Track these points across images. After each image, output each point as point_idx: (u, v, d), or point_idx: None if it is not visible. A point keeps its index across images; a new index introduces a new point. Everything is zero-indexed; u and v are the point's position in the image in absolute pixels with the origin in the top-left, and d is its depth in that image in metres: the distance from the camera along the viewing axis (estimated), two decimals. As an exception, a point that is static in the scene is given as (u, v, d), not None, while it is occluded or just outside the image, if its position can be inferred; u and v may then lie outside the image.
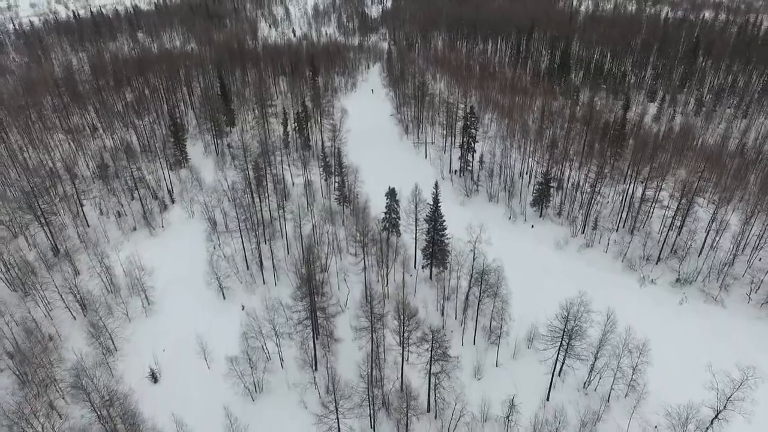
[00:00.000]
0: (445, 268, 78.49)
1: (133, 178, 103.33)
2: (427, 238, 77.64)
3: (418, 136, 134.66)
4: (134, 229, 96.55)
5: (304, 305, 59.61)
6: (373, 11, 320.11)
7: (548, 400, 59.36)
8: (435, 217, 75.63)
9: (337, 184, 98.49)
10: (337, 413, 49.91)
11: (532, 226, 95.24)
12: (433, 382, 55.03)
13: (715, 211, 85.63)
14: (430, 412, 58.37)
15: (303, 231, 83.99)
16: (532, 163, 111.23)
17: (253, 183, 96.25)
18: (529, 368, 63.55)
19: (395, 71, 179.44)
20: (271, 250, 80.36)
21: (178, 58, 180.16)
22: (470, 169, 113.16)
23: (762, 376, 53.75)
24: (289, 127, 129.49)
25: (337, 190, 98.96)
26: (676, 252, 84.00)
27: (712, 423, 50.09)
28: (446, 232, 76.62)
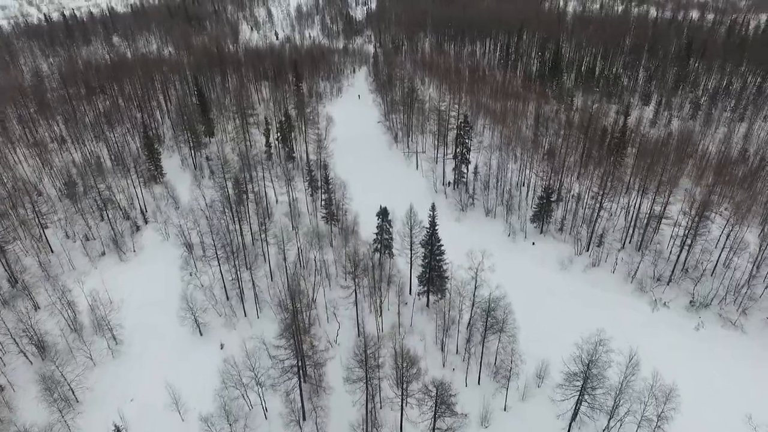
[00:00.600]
0: (444, 295, 72.17)
1: (101, 198, 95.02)
2: (423, 263, 71.25)
3: (408, 146, 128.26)
4: (103, 254, 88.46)
5: (288, 353, 52.66)
6: (358, 13, 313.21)
7: (565, 451, 53.48)
8: (432, 241, 69.24)
9: (324, 202, 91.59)
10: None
11: (533, 244, 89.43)
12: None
13: (728, 226, 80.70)
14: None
15: (288, 256, 77.01)
16: (529, 174, 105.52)
17: (233, 201, 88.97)
18: (541, 411, 57.46)
19: (382, 76, 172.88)
20: (252, 280, 73.05)
21: (154, 64, 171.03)
22: (465, 181, 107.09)
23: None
24: (272, 138, 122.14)
25: (324, 208, 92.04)
26: (688, 271, 78.79)
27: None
28: (444, 257, 70.33)
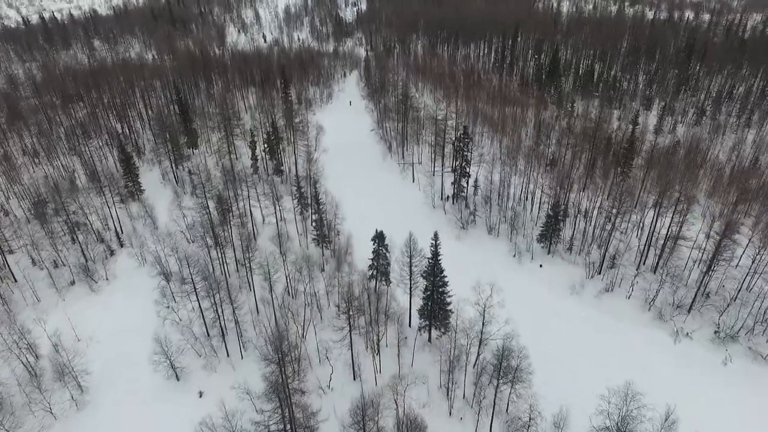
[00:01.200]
0: (447, 330, 65.53)
1: (70, 221, 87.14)
2: (424, 296, 64.55)
3: (403, 156, 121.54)
4: (72, 284, 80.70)
5: (276, 417, 45.65)
6: (348, 14, 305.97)
7: None
8: (435, 273, 62.54)
9: (314, 223, 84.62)
10: None
11: (541, 266, 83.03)
12: None
13: (751, 246, 74.98)
14: None
15: (276, 287, 69.94)
16: (532, 187, 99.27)
17: (216, 224, 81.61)
18: (561, 469, 51.03)
19: (374, 81, 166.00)
20: (236, 319, 65.59)
21: (135, 70, 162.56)
22: (464, 195, 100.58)
23: None
24: (259, 150, 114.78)
25: (315, 229, 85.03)
26: (709, 296, 72.83)
27: None
28: (448, 288, 63.69)
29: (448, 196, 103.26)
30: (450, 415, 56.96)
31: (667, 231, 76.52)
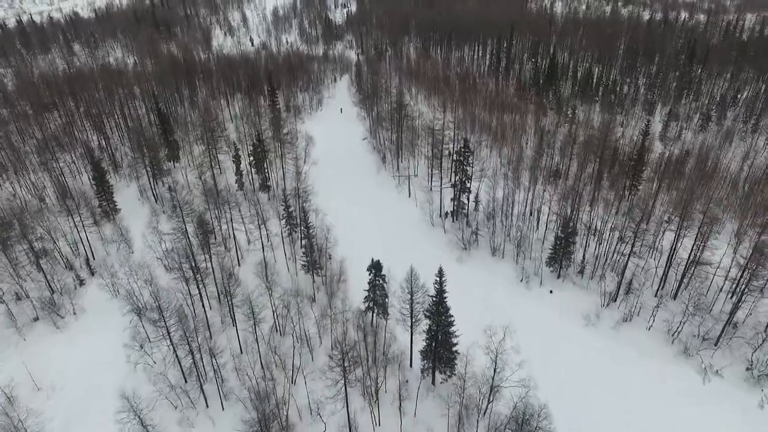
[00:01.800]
0: (453, 373, 58.80)
1: (34, 249, 79.17)
2: (427, 336, 57.72)
3: (399, 168, 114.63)
4: (36, 320, 72.86)
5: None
6: (338, 16, 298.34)
7: None
8: (440, 311, 55.72)
9: (303, 248, 77.45)
10: None
11: (551, 292, 76.54)
12: None
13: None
14: None
15: (262, 325, 62.68)
16: (538, 203, 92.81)
17: (196, 247, 74.19)
18: None
19: (366, 86, 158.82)
20: (215, 369, 58.20)
21: (114, 76, 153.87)
22: (465, 212, 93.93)
23: None
24: (244, 164, 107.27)
25: (305, 255, 77.85)
26: (737, 327, 66.72)
27: None
28: (454, 328, 56.93)
29: (447, 213, 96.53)
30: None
31: (689, 255, 70.31)
